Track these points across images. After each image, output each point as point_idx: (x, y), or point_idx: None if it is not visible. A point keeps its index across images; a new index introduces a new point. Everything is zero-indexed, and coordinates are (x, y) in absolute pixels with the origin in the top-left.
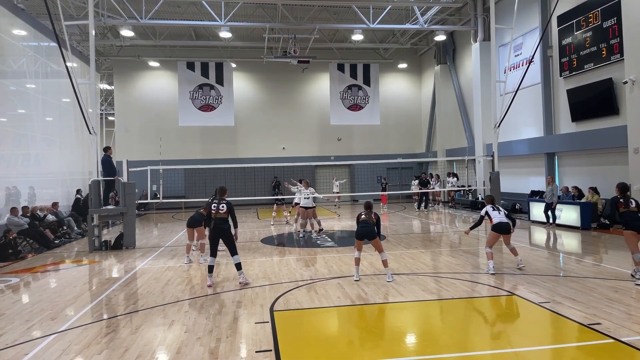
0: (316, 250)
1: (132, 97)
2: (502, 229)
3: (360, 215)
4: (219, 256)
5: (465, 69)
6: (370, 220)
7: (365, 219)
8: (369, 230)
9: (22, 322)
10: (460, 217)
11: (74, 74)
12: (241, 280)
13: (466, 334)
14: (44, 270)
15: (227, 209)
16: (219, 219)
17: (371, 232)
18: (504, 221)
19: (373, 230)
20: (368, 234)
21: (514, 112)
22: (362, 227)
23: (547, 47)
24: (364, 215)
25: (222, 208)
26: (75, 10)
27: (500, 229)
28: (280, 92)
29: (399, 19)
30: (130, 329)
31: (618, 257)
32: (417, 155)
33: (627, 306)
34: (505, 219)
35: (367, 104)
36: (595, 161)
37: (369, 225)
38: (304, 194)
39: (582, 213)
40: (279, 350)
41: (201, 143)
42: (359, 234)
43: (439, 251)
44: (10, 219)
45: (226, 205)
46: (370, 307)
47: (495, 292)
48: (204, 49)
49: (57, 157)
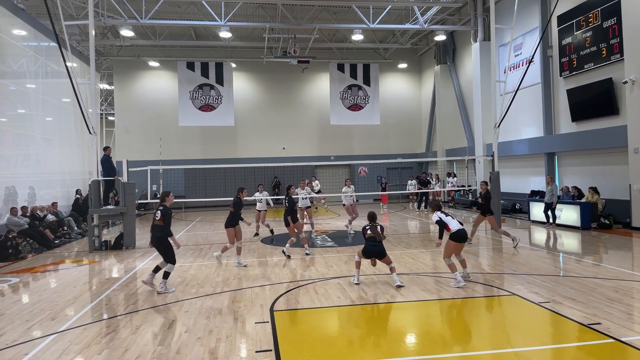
0: (316, 250)
1: (132, 97)
2: (462, 237)
3: (366, 230)
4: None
5: (465, 69)
6: (378, 237)
7: (372, 235)
8: (379, 250)
9: (22, 322)
10: (460, 217)
11: (74, 74)
12: (159, 290)
13: (466, 334)
14: (44, 270)
15: (161, 215)
16: (154, 226)
17: (381, 252)
18: (462, 228)
19: (383, 250)
20: (377, 254)
21: (514, 112)
22: (372, 246)
23: (547, 47)
24: (369, 231)
25: (157, 215)
26: (75, 10)
27: (459, 237)
28: (280, 92)
29: (399, 19)
30: (130, 329)
31: (618, 257)
32: (417, 155)
33: (627, 306)
34: (462, 226)
35: (367, 104)
36: (595, 161)
37: (378, 245)
38: (301, 194)
39: (582, 213)
40: (279, 350)
41: (201, 143)
42: (367, 253)
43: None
44: (10, 218)
45: (161, 212)
46: (370, 307)
47: (495, 292)
48: (204, 49)
49: (57, 157)
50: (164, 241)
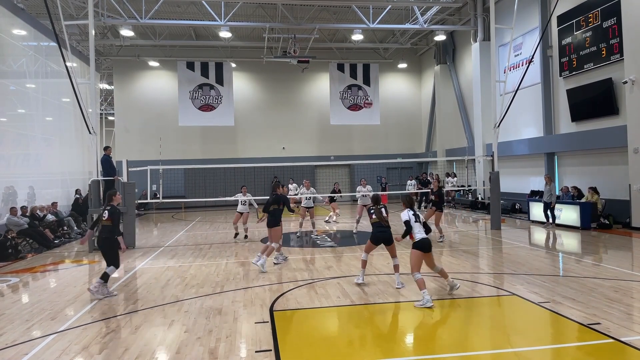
0: (316, 250)
1: (132, 97)
2: (426, 246)
3: (371, 214)
4: (219, 256)
5: (465, 69)
6: (384, 222)
7: (378, 220)
8: (387, 236)
9: (22, 322)
10: (460, 217)
11: (73, 73)
12: (91, 289)
13: (466, 334)
14: (44, 270)
15: (109, 215)
16: (102, 227)
17: (389, 238)
18: (426, 237)
19: (390, 236)
20: (385, 240)
21: (513, 112)
22: (379, 232)
23: (547, 47)
24: (374, 215)
25: (104, 215)
26: (75, 10)
27: (424, 246)
28: (280, 92)
29: (399, 19)
30: (130, 329)
31: (618, 257)
32: (417, 155)
33: (627, 306)
34: (425, 235)
35: (367, 104)
36: (595, 161)
37: (386, 231)
38: (306, 195)
39: (582, 213)
40: (278, 350)
41: (201, 143)
42: (375, 239)
43: (439, 251)
44: (10, 218)
45: (108, 212)
46: (371, 307)
47: (495, 292)
48: (203, 49)
49: (57, 157)
50: (108, 242)
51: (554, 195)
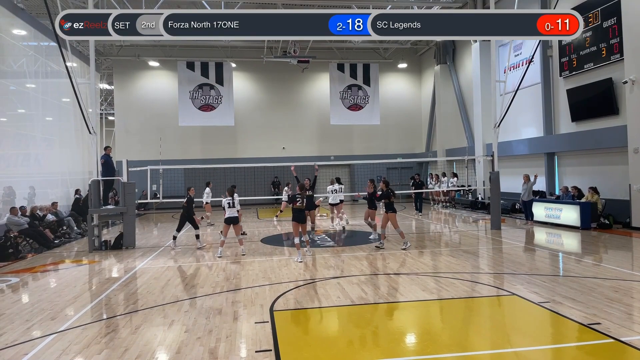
0: (316, 250)
1: (132, 96)
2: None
3: (297, 201)
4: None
5: (465, 69)
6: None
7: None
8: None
9: (22, 322)
10: (460, 217)
11: (73, 73)
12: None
13: (466, 334)
14: (44, 270)
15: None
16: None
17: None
18: (234, 215)
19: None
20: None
21: (513, 112)
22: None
23: (547, 47)
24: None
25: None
26: None
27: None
28: (280, 92)
29: None
30: (130, 329)
31: (618, 257)
32: (417, 155)
33: (627, 306)
34: (235, 213)
35: (367, 104)
36: (595, 161)
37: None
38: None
39: (582, 213)
40: (278, 350)
41: (201, 143)
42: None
43: (439, 251)
44: (10, 218)
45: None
46: (370, 307)
47: (495, 292)
48: (203, 49)
49: (57, 157)
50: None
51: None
